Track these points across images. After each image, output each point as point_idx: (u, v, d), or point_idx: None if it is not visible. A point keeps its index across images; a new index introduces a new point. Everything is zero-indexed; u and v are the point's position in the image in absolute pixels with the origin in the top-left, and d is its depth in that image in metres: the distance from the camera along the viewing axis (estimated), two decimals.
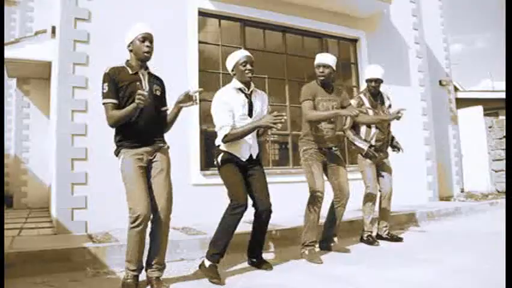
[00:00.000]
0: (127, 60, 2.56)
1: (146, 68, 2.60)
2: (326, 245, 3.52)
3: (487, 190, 8.45)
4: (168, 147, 2.62)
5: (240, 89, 2.85)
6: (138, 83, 2.48)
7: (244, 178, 2.86)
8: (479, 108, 9.20)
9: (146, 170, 2.49)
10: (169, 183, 2.53)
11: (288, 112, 5.57)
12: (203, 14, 5.10)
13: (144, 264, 2.51)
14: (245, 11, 5.32)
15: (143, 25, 2.55)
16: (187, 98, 2.52)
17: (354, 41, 6.38)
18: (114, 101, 2.41)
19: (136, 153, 2.43)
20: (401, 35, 6.79)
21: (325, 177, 3.40)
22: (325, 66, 3.34)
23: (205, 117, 4.86)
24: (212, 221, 3.91)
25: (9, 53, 6.22)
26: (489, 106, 10.17)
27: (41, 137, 7.37)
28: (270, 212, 2.87)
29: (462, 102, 9.65)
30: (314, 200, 3.23)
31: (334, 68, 3.38)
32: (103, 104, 2.42)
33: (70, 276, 2.72)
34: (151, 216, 2.45)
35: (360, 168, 3.93)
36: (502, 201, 6.37)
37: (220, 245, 2.70)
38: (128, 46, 2.54)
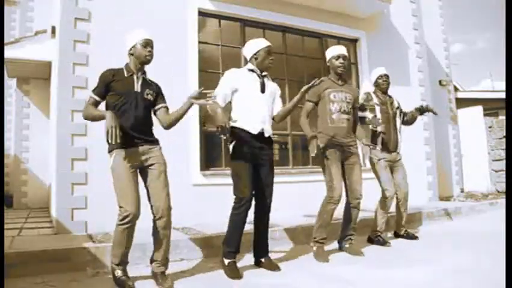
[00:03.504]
0: (126, 64, 2.62)
1: (144, 73, 2.64)
2: (341, 245, 3.45)
3: (487, 190, 8.44)
4: (160, 148, 2.65)
5: (252, 70, 2.95)
6: (130, 84, 2.55)
7: (253, 167, 2.85)
8: (479, 108, 9.19)
9: (139, 170, 2.56)
10: (167, 183, 2.59)
11: None
12: (203, 14, 5.10)
13: (149, 261, 2.62)
14: (245, 11, 5.32)
15: (144, 31, 2.62)
16: (200, 95, 2.54)
17: (354, 41, 6.38)
18: (97, 97, 2.55)
19: (127, 154, 2.47)
20: (401, 35, 6.78)
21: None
22: (345, 56, 3.40)
23: (206, 117, 4.86)
24: (212, 221, 3.95)
25: (9, 53, 6.24)
26: (489, 106, 10.17)
27: (41, 137, 7.36)
28: (269, 211, 2.93)
29: (462, 102, 9.65)
30: (330, 201, 3.19)
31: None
32: (90, 96, 2.57)
33: (70, 276, 2.72)
34: (153, 217, 2.53)
35: (374, 171, 3.84)
36: (502, 201, 6.37)
37: (233, 243, 2.76)
38: (130, 50, 2.59)
